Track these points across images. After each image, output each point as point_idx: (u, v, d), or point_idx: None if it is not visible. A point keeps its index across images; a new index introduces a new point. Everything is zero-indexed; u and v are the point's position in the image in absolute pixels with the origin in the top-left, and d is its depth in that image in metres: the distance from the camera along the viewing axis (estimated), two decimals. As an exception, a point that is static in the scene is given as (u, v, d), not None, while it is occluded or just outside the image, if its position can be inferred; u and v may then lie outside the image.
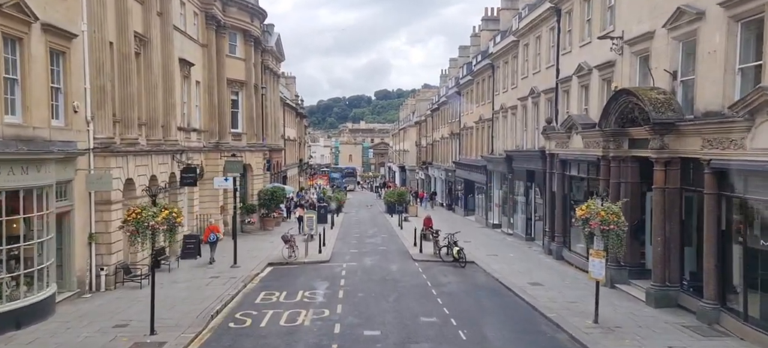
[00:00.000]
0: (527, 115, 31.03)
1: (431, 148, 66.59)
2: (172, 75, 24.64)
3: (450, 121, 54.20)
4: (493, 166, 37.45)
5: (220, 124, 32.76)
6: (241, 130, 35.30)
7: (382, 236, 33.88)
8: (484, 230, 37.04)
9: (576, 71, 23.60)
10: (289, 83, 71.39)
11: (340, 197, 50.46)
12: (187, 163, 25.64)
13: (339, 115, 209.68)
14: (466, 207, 46.73)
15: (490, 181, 38.91)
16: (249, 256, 25.81)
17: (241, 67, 35.06)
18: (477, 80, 43.16)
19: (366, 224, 41.14)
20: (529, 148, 30.28)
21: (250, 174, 35.78)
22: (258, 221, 35.93)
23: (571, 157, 23.42)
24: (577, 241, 23.40)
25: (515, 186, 33.00)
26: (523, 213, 31.92)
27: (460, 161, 48.09)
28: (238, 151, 33.66)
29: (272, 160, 48.47)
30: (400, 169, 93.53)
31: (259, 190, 36.35)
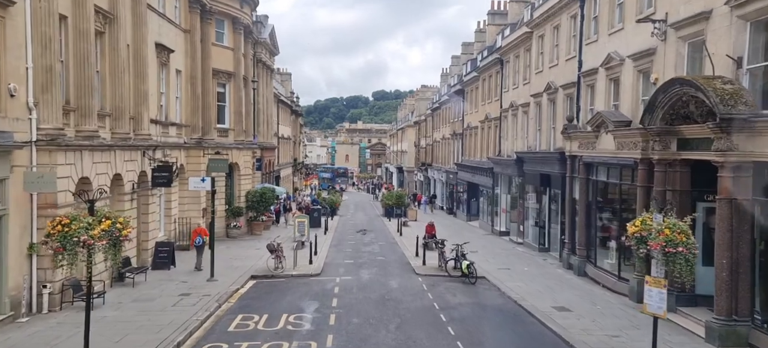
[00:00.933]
0: (542, 113, 27.93)
1: (431, 149, 63.49)
2: (145, 60, 21.44)
3: (452, 120, 51.10)
4: (501, 168, 34.36)
5: (205, 119, 29.58)
6: (228, 125, 32.10)
7: (380, 243, 30.72)
8: (490, 238, 33.93)
9: (604, 62, 20.51)
10: (284, 80, 68.27)
11: (335, 199, 47.23)
12: (161, 160, 22.42)
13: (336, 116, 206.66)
14: (469, 211, 43.62)
15: (496, 184, 35.81)
16: (230, 266, 22.64)
17: (229, 57, 31.86)
18: (483, 77, 40.06)
19: (361, 229, 37.95)
20: (544, 149, 27.18)
21: (237, 174, 32.58)
22: (245, 225, 32.74)
23: (598, 159, 20.31)
24: (604, 256, 20.30)
25: (526, 191, 29.89)
26: (535, 221, 28.81)
27: (463, 163, 44.98)
28: (223, 148, 30.49)
29: (264, 159, 45.27)
30: (397, 170, 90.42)
31: (247, 191, 33.17)
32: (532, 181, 28.80)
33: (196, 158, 28.18)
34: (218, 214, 30.45)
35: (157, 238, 23.15)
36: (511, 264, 24.26)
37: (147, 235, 21.63)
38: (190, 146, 27.95)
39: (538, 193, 28.25)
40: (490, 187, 36.39)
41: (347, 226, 40.04)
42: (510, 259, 25.53)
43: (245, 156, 33.15)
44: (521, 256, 26.64)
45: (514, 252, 28.04)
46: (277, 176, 53.98)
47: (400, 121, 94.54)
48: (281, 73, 69.75)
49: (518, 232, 30.99)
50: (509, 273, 22.09)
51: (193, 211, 28.10)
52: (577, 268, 21.61)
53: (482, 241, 32.65)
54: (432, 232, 28.85)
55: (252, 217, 33.06)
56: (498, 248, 29.17)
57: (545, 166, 26.35)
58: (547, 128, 27.18)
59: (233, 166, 32.20)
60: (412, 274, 22.02)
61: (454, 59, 60.64)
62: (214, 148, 29.20)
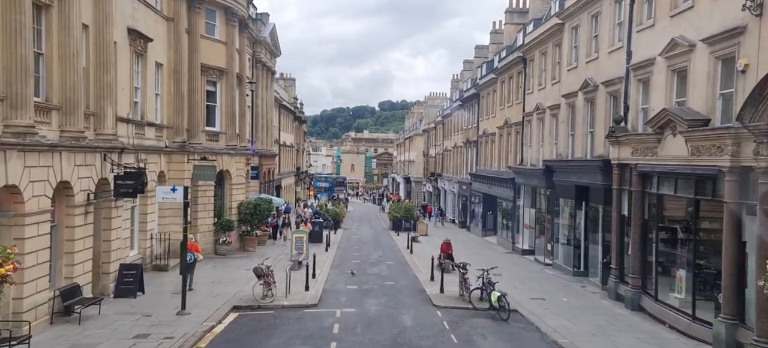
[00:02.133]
0: (576, 115, 23.96)
1: (441, 159, 59.54)
2: (110, 46, 17.63)
3: (465, 127, 47.17)
4: (524, 179, 30.34)
5: (191, 120, 25.79)
6: (219, 128, 28.29)
7: (387, 263, 26.72)
8: (512, 258, 29.85)
9: (665, 50, 16.57)
10: (288, 85, 64.69)
11: (338, 211, 43.30)
12: (130, 165, 18.55)
13: (343, 126, 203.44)
14: (485, 226, 39.56)
15: (518, 196, 31.78)
16: (210, 293, 18.75)
17: (221, 52, 28.10)
18: (502, 78, 36.15)
19: (368, 245, 33.96)
20: (579, 157, 23.19)
21: (228, 182, 28.73)
22: (237, 241, 28.83)
23: (661, 168, 16.30)
24: (669, 287, 16.22)
25: (557, 205, 25.86)
26: (568, 240, 24.75)
27: (478, 173, 40.98)
28: (212, 153, 26.65)
29: (263, 167, 41.47)
30: (405, 180, 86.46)
31: (240, 202, 29.30)
32: (564, 193, 24.78)
33: (179, 164, 24.36)
34: (206, 228, 26.64)
35: (125, 259, 19.27)
36: (544, 291, 20.22)
37: (109, 257, 17.73)
38: (172, 150, 24.13)
39: (572, 208, 24.23)
40: (511, 200, 32.36)
41: (352, 241, 36.07)
42: (542, 286, 21.47)
43: (238, 163, 29.31)
44: (554, 281, 22.56)
45: (543, 276, 23.96)
46: (278, 186, 50.16)
47: (408, 130, 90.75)
48: (285, 78, 66.22)
49: (546, 252, 26.92)
50: (546, 305, 18.05)
51: (175, 226, 24.19)
52: (629, 301, 17.52)
53: (503, 260, 28.57)
54: (448, 251, 24.85)
55: (245, 232, 29.17)
56: (524, 271, 25.09)
57: (582, 176, 22.33)
58: (582, 133, 23.20)
59: (224, 173, 28.39)
60: (429, 306, 18.01)
61: (467, 64, 56.84)
62: (201, 153, 25.38)
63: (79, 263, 15.61)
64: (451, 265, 24.12)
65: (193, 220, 26.16)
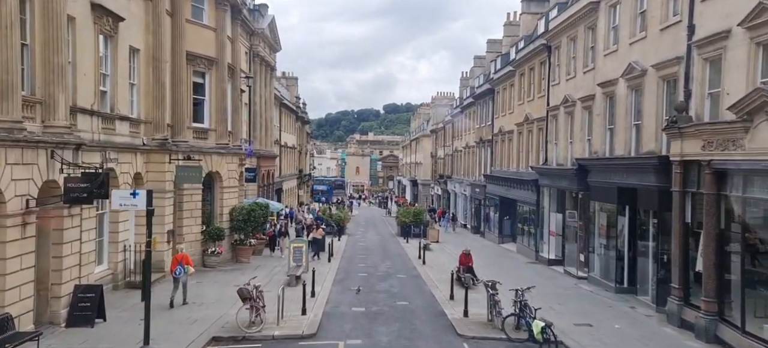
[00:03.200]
0: (616, 106, 20.48)
1: (450, 160, 56.10)
2: (61, 21, 14.24)
3: (478, 126, 43.70)
4: (550, 180, 26.85)
5: (175, 115, 22.51)
6: (208, 124, 24.97)
7: (398, 277, 23.26)
8: (537, 268, 26.34)
9: (746, 20, 13.08)
10: (290, 84, 61.43)
11: (343, 216, 39.87)
12: (88, 165, 15.17)
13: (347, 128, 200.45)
14: (502, 232, 36.05)
15: (542, 200, 28.28)
16: (188, 318, 15.44)
17: (210, 40, 24.80)
18: (521, 71, 32.69)
19: (375, 254, 30.51)
20: (622, 154, 19.70)
21: (218, 185, 25.37)
22: (228, 251, 25.46)
23: (749, 164, 12.80)
24: (764, 317, 12.68)
25: (592, 209, 22.36)
26: (607, 250, 21.24)
27: (494, 174, 37.50)
28: (199, 152, 23.36)
29: (261, 169, 38.13)
30: (411, 183, 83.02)
31: (232, 207, 25.93)
32: (602, 196, 21.28)
33: (158, 165, 21.00)
34: (193, 238, 23.29)
35: (88, 277, 15.91)
36: (588, 314, 16.73)
37: (60, 277, 14.35)
38: (151, 149, 20.78)
39: (613, 213, 20.73)
40: (533, 204, 28.87)
41: (357, 249, 32.62)
42: (583, 306, 17.97)
43: (230, 163, 25.94)
44: (595, 300, 19.04)
45: (580, 292, 20.45)
46: (279, 189, 46.82)
47: (414, 131, 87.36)
48: (287, 77, 62.99)
49: (578, 263, 23.39)
50: (596, 334, 14.59)
51: (157, 235, 20.85)
52: (703, 331, 14.00)
53: (527, 272, 25.11)
54: (468, 263, 21.42)
55: (237, 241, 25.78)
56: (555, 286, 21.58)
57: (628, 176, 18.82)
58: (625, 126, 19.71)
59: (213, 175, 25.05)
60: (453, 336, 14.56)
61: (477, 60, 53.43)
62: (186, 153, 22.05)
63: (12, 288, 12.24)
64: (473, 280, 20.69)
65: (177, 229, 22.88)
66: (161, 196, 20.86)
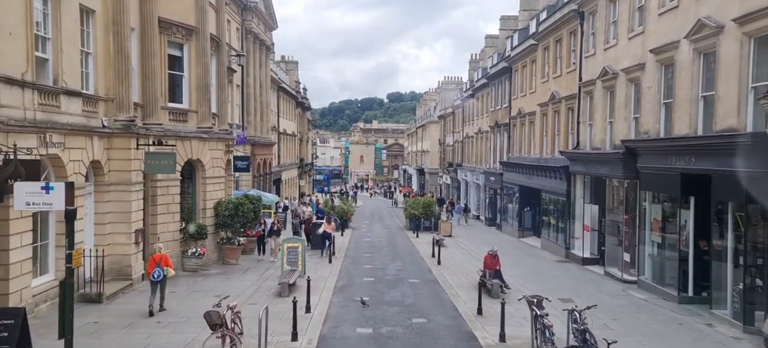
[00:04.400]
0: (676, 77, 16.63)
1: (460, 147, 52.27)
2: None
3: (492, 109, 39.83)
4: (584, 166, 23.02)
5: (145, 92, 18.83)
6: (187, 105, 21.25)
7: (411, 281, 19.55)
8: (570, 269, 22.61)
9: None
10: (290, 69, 57.70)
11: (346, 208, 36.17)
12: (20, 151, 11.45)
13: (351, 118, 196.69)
14: (522, 225, 32.29)
15: (573, 189, 24.47)
16: (145, 345, 11.71)
17: (188, 5, 20.99)
18: (545, 44, 28.80)
19: (382, 252, 26.80)
20: (683, 133, 15.87)
21: (200, 175, 21.68)
22: (214, 250, 21.83)
23: None
24: None
25: (642, 200, 18.56)
26: (662, 249, 17.50)
27: (512, 160, 33.69)
28: (176, 137, 19.69)
29: (255, 158, 34.51)
30: (418, 171, 79.24)
31: (218, 201, 22.26)
32: (657, 184, 17.47)
33: (122, 151, 17.34)
34: (170, 237, 19.65)
35: (21, 295, 12.30)
36: (659, 337, 13.01)
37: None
38: (112, 132, 17.09)
39: (673, 205, 16.95)
40: (563, 194, 25.06)
41: (362, 246, 28.92)
42: (645, 323, 14.24)
43: (215, 150, 22.23)
44: (656, 313, 15.29)
45: (633, 302, 16.69)
46: (277, 179, 43.20)
47: (420, 119, 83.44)
48: (287, 61, 59.25)
49: (623, 264, 19.62)
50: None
51: (120, 236, 17.26)
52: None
53: (560, 274, 21.43)
54: (495, 266, 17.70)
55: (224, 240, 22.13)
56: (599, 292, 17.83)
57: (699, 160, 15.01)
58: (689, 99, 15.88)
59: (194, 164, 21.37)
60: (491, 375, 10.84)
61: (489, 39, 49.42)
62: (159, 137, 18.37)
63: None
64: (502, 287, 17.01)
65: (150, 227, 19.25)
66: (126, 189, 17.26)
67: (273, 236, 22.57)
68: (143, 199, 18.50)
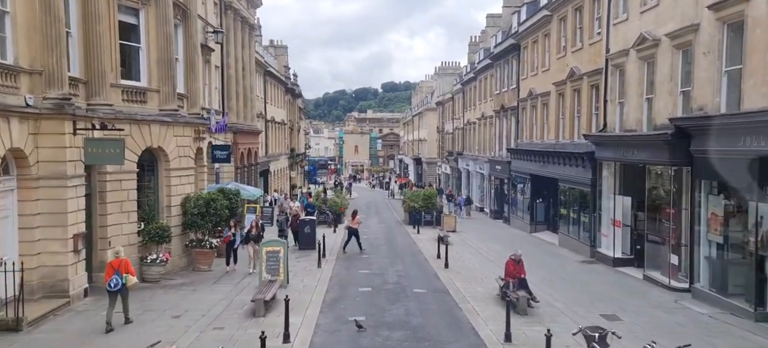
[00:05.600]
0: (747, 36, 13.14)
1: (461, 134, 48.77)
2: None
3: (497, 91, 36.29)
4: (614, 152, 19.55)
5: (90, 66, 15.30)
6: (146, 82, 17.66)
7: (416, 291, 16.08)
8: (599, 271, 19.20)
9: None
10: (279, 53, 53.88)
11: (339, 202, 32.60)
12: None
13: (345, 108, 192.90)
14: (534, 219, 28.87)
15: (599, 179, 21.02)
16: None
17: (145, -37, 17.32)
18: (561, 13, 25.25)
19: (380, 252, 23.32)
20: (763, 106, 12.38)
21: (163, 167, 18.10)
22: (180, 256, 18.31)
23: None
24: None
25: (695, 192, 15.12)
26: (724, 251, 14.09)
27: (521, 147, 30.22)
28: (130, 120, 16.13)
29: (239, 147, 30.93)
30: (414, 161, 75.74)
31: (185, 196, 18.67)
32: (719, 172, 13.99)
33: (54, 137, 13.77)
34: (125, 241, 16.11)
35: None
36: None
37: None
38: (41, 113, 13.49)
39: (739, 198, 13.51)
40: (587, 183, 21.62)
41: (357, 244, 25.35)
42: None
43: (181, 137, 18.63)
44: (734, 336, 11.91)
45: (694, 318, 13.29)
46: (265, 170, 39.60)
47: (417, 106, 79.80)
48: (275, 46, 55.33)
49: (670, 269, 16.21)
50: None
51: (54, 243, 13.70)
52: None
53: (586, 276, 18.08)
54: (520, 274, 14.27)
55: (193, 243, 18.59)
56: (648, 304, 14.44)
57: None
58: (765, 61, 12.36)
59: (155, 153, 17.77)
60: None
61: (491, 19, 45.66)
62: (102, 120, 14.79)
63: None
64: (529, 300, 13.59)
65: (98, 230, 15.71)
66: (60, 184, 13.72)
67: (251, 243, 18.31)
68: (88, 195, 14.97)
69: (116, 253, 12.75)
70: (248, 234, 18.70)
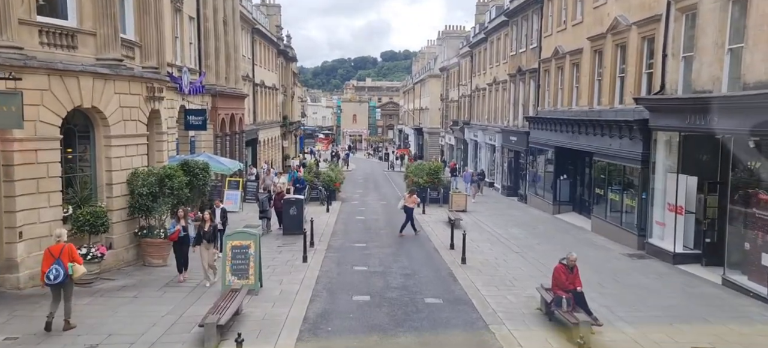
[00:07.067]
0: None
1: (468, 101, 44.33)
2: None
3: (513, 53, 31.77)
4: (679, 119, 15.23)
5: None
6: (76, 23, 13.24)
7: (429, 303, 12.02)
8: (656, 269, 15.08)
9: None
10: (271, 13, 49.01)
11: (334, 176, 28.32)
12: None
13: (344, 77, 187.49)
14: (557, 199, 24.71)
15: (653, 153, 16.74)
16: None
17: None
18: (602, -47, 20.57)
19: (381, 241, 19.14)
20: None
21: (101, 134, 13.78)
22: (128, 248, 14.13)
23: None
24: None
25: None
26: None
27: (544, 116, 25.91)
28: (46, 70, 11.80)
29: (218, 112, 26.63)
30: (415, 131, 71.35)
31: (132, 171, 14.38)
32: None
33: None
34: (42, 231, 11.94)
35: None
36: None
37: None
38: None
39: None
40: (636, 159, 17.36)
41: (352, 228, 21.32)
42: None
43: (126, 95, 14.27)
44: None
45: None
46: (253, 140, 35.29)
47: (418, 73, 75.00)
48: (268, 5, 50.37)
49: (758, 271, 12.05)
50: None
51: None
52: None
53: (646, 279, 14.01)
54: (574, 285, 10.18)
55: (143, 231, 14.38)
56: (749, 328, 10.42)
57: None
58: None
59: (90, 115, 13.46)
60: None
61: (503, -26, 40.73)
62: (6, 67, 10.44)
63: None
64: (591, 321, 9.51)
65: (6, 216, 11.53)
66: (-75, 157, 9.39)
67: (204, 244, 12.69)
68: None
69: (58, 236, 9.73)
70: (199, 234, 12.79)
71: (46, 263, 9.50)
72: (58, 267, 9.42)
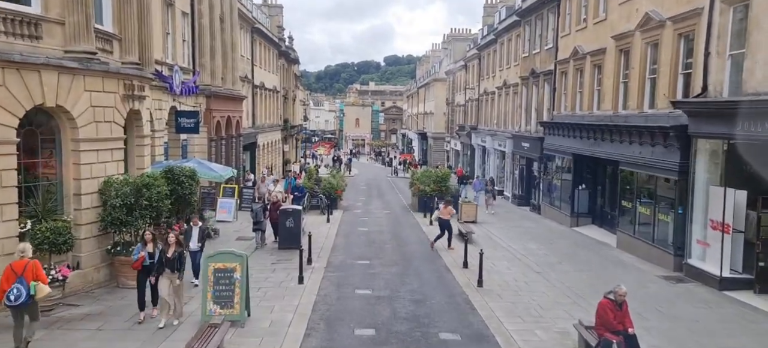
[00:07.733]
0: None
1: (476, 106, 42.44)
2: None
3: (525, 54, 29.87)
4: (725, 125, 13.26)
5: None
6: (40, 10, 11.44)
7: (445, 339, 10.20)
8: (702, 297, 13.15)
9: None
10: (272, 13, 47.26)
11: (335, 183, 26.41)
12: None
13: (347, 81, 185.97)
14: (575, 210, 22.78)
15: (693, 163, 14.80)
16: None
17: None
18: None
19: (386, 258, 17.21)
20: None
21: (67, 137, 11.92)
22: (99, 268, 12.26)
23: None
24: None
25: None
26: None
27: (560, 121, 24.00)
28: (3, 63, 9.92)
29: (214, 115, 24.85)
30: (420, 136, 69.46)
31: (105, 180, 12.52)
32: None
33: None
34: None
35: None
36: None
37: None
38: None
39: None
40: (674, 169, 15.43)
41: (354, 243, 19.39)
42: None
43: (99, 93, 12.44)
44: None
45: None
46: (251, 144, 33.47)
47: (422, 77, 73.19)
48: (270, 5, 48.65)
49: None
50: None
51: None
52: None
53: (695, 310, 12.14)
54: (624, 325, 8.21)
55: (116, 247, 12.51)
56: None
57: None
58: None
59: (55, 116, 11.63)
60: None
61: (513, -27, 38.89)
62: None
63: None
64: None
65: None
66: None
67: (166, 273, 10.05)
68: None
69: (21, 251, 8.84)
70: (160, 259, 10.08)
71: (6, 281, 8.47)
72: (19, 286, 8.40)
